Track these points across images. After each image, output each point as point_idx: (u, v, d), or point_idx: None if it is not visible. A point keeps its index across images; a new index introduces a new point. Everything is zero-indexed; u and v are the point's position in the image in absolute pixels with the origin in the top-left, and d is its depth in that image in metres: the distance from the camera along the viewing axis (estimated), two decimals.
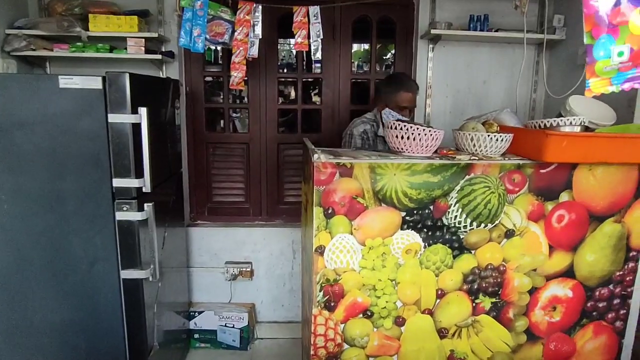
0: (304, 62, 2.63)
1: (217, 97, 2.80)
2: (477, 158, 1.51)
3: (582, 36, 1.11)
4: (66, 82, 1.56)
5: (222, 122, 2.66)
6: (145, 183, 1.66)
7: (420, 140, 1.48)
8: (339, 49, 2.43)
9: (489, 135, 1.51)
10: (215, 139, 2.54)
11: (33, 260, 1.65)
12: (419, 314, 1.60)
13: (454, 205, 1.52)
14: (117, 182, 1.62)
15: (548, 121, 1.62)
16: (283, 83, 3.42)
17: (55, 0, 2.13)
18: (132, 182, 1.63)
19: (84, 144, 1.60)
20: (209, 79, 2.61)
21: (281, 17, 2.30)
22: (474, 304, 1.62)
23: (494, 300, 1.63)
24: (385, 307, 1.57)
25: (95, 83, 1.56)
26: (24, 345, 1.69)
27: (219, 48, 2.03)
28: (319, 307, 1.54)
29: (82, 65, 2.26)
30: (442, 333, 1.63)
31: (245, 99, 2.58)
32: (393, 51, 3.46)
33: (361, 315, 1.56)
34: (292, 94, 3.84)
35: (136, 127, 1.61)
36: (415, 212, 1.51)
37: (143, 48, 2.09)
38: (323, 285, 1.52)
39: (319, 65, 2.53)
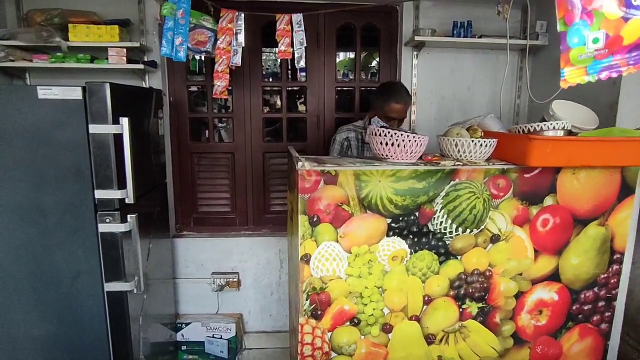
0: (289, 71, 2.63)
1: (202, 107, 2.78)
2: (461, 163, 1.51)
3: None
4: (45, 92, 1.53)
5: (207, 132, 2.64)
6: (128, 194, 1.64)
7: (404, 146, 1.48)
8: (323, 57, 2.44)
9: (472, 141, 1.52)
10: (200, 149, 2.52)
11: (14, 274, 1.61)
12: (406, 320, 1.59)
13: (440, 211, 1.53)
14: (99, 194, 1.60)
15: (532, 126, 1.64)
16: (269, 92, 3.42)
17: (34, 10, 2.10)
18: (114, 194, 1.61)
19: (65, 155, 1.57)
20: (193, 88, 2.59)
21: (265, 25, 2.30)
22: (460, 310, 1.62)
23: (480, 305, 1.63)
24: (372, 315, 1.56)
25: (74, 93, 1.54)
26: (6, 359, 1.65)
27: (202, 57, 2.01)
28: (306, 316, 1.52)
29: (63, 76, 2.23)
30: (429, 339, 1.63)
31: (230, 109, 2.56)
32: (378, 59, 3.49)
33: (348, 323, 1.55)
34: (278, 102, 3.85)
35: (118, 137, 1.59)
36: (400, 218, 1.51)
37: (125, 58, 2.07)
38: (309, 293, 1.50)
39: (304, 73, 2.53)
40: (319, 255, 1.48)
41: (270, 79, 3.25)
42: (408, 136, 1.48)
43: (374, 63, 4.36)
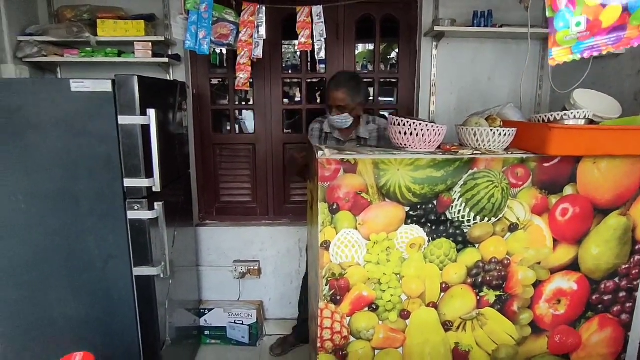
0: (309, 63, 2.66)
1: (223, 99, 2.85)
2: (480, 152, 1.52)
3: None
4: (77, 85, 1.61)
5: (228, 123, 2.70)
6: (155, 183, 1.71)
7: (423, 136, 1.50)
8: (343, 49, 2.46)
9: (491, 130, 1.53)
10: (221, 140, 2.58)
11: (50, 258, 1.71)
12: (424, 307, 1.62)
13: (458, 200, 1.54)
14: (128, 182, 1.67)
15: (552, 115, 1.63)
16: (288, 84, 3.46)
17: (64, 7, 2.19)
18: (142, 182, 1.68)
19: (96, 145, 1.65)
20: (214, 81, 2.66)
21: (285, 18, 2.34)
22: (478, 297, 1.64)
23: (498, 293, 1.65)
24: (390, 301, 1.60)
25: (105, 86, 1.61)
26: (42, 338, 1.76)
27: (224, 50, 2.06)
28: (325, 301, 1.57)
29: (92, 70, 2.32)
30: (446, 326, 1.65)
31: (251, 100, 2.61)
32: (397, 50, 3.48)
33: (367, 309, 1.59)
34: (297, 95, 3.88)
35: (145, 128, 1.66)
36: (419, 207, 1.53)
37: (150, 52, 2.14)
38: (329, 279, 1.55)
39: (323, 65, 2.56)
40: (339, 242, 1.52)
41: (290, 71, 3.29)
42: (427, 125, 1.50)
43: (393, 54, 4.35)
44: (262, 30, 1.92)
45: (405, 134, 1.52)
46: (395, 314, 1.61)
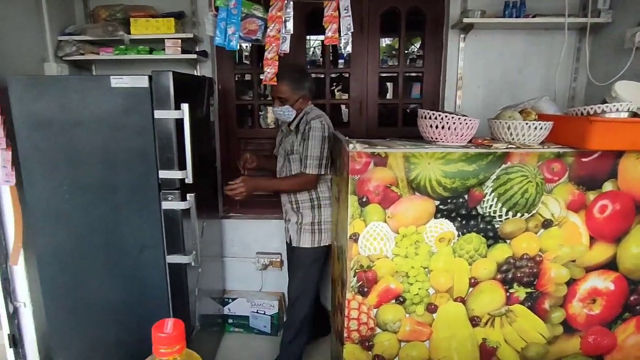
0: (330, 58, 2.66)
1: (245, 94, 2.89)
2: (514, 146, 1.50)
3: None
4: (117, 81, 1.67)
5: (250, 118, 2.75)
6: (187, 175, 1.76)
7: (455, 129, 1.49)
8: (367, 43, 2.45)
9: (526, 123, 1.50)
10: (245, 135, 2.63)
11: (91, 245, 1.79)
12: (451, 301, 1.62)
13: (489, 195, 1.52)
14: (163, 174, 1.73)
15: (592, 108, 1.57)
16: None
17: (99, 7, 2.27)
18: (176, 174, 1.73)
19: (133, 139, 1.71)
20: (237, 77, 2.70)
21: (309, 12, 2.34)
22: (507, 294, 1.62)
23: (529, 290, 1.62)
24: (417, 294, 1.60)
25: (142, 82, 1.66)
26: (83, 321, 1.85)
27: (246, 46, 2.07)
28: (353, 292, 1.58)
29: (124, 67, 2.40)
30: (474, 321, 1.64)
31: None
32: (418, 44, 3.44)
33: (394, 301, 1.60)
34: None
35: (179, 122, 1.71)
36: (449, 201, 1.52)
37: (179, 48, 2.20)
38: (357, 271, 1.56)
39: (341, 60, 2.56)
40: (367, 235, 1.53)
41: (308, 67, 3.30)
42: (459, 119, 1.48)
43: (412, 48, 4.27)
44: (290, 25, 1.93)
45: (436, 127, 1.51)
46: (422, 307, 1.61)
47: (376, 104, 2.51)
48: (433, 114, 1.51)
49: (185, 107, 1.70)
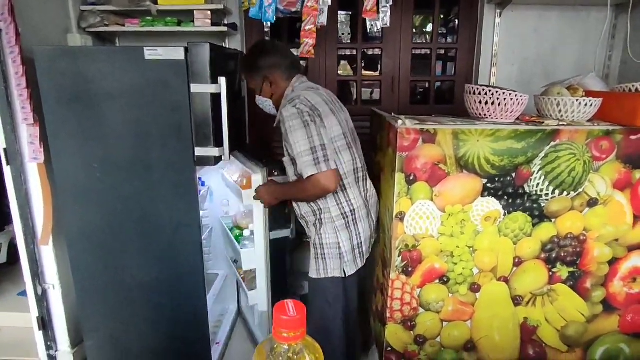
0: (362, 33, 2.58)
1: None
2: (565, 124, 1.46)
3: None
4: (151, 53, 1.60)
5: None
6: (224, 152, 1.72)
7: (505, 105, 1.45)
8: (401, 18, 2.37)
9: (577, 100, 1.46)
10: None
11: (123, 224, 1.75)
12: (495, 281, 1.61)
13: (537, 173, 1.50)
14: (199, 151, 1.68)
15: None
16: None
17: None
18: (212, 151, 1.69)
19: (168, 114, 1.65)
20: None
21: None
22: (550, 273, 1.61)
23: (571, 269, 1.61)
24: (461, 274, 1.59)
25: (177, 54, 1.59)
26: (116, 299, 1.83)
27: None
28: (397, 272, 1.57)
29: (150, 40, 2.31)
30: (516, 301, 1.64)
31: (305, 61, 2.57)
32: (450, 20, 3.36)
33: (437, 281, 1.59)
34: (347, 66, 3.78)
35: (215, 97, 1.66)
36: (496, 179, 1.49)
37: (209, 20, 2.12)
38: (402, 250, 1.55)
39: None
40: (413, 213, 1.51)
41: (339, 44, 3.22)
42: (510, 94, 1.44)
43: (442, 30, 4.16)
44: None
45: (485, 103, 1.47)
46: (465, 287, 1.60)
47: (408, 80, 2.45)
48: (482, 89, 1.47)
49: (222, 80, 1.64)
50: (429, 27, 4.68)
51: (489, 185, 1.50)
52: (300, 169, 1.43)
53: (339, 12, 2.51)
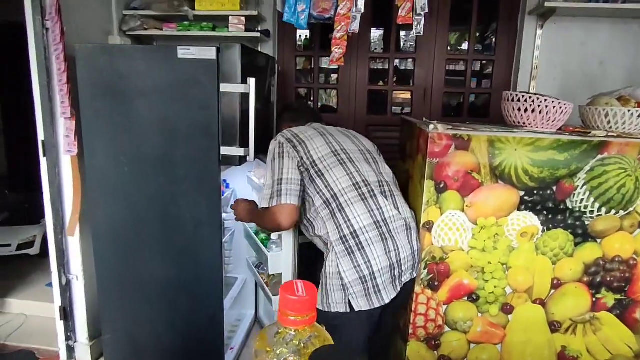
0: (396, 43, 2.55)
1: (298, 82, 2.83)
2: (614, 135, 1.35)
3: None
4: (184, 52, 1.62)
5: (311, 103, 2.68)
6: (249, 152, 1.70)
7: (547, 113, 1.36)
8: (435, 28, 2.33)
9: (629, 111, 1.35)
10: None
11: (146, 219, 1.76)
12: (530, 303, 1.48)
13: (581, 188, 1.38)
14: (224, 150, 1.67)
15: None
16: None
17: None
18: (238, 151, 1.68)
19: (196, 112, 1.66)
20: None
21: None
22: (594, 299, 1.47)
23: (618, 297, 1.46)
24: (492, 292, 1.47)
25: (209, 53, 1.61)
26: (134, 295, 1.82)
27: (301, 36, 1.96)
28: (422, 286, 1.48)
29: (185, 44, 2.35)
30: (553, 326, 1.50)
31: (335, 79, 2.57)
32: (488, 32, 3.28)
33: (466, 298, 1.48)
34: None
35: (245, 97, 1.65)
36: (535, 192, 1.39)
37: (243, 26, 2.16)
38: (428, 263, 1.46)
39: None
40: (442, 224, 1.42)
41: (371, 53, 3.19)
42: (552, 102, 1.35)
43: (479, 45, 4.07)
44: (361, 4, 1.84)
45: (525, 110, 1.38)
46: (497, 307, 1.48)
47: (441, 92, 2.39)
48: (522, 96, 1.38)
49: (252, 81, 1.64)
50: (464, 45, 4.60)
51: (526, 198, 1.39)
52: (259, 199, 1.46)
53: (372, 29, 2.49)
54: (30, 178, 1.96)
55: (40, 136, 1.86)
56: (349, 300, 1.28)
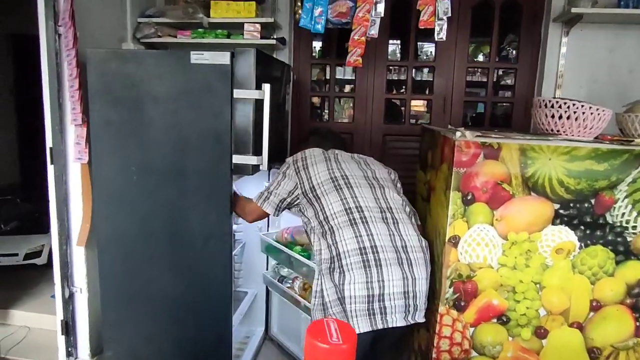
0: (414, 51, 2.48)
1: (313, 91, 2.78)
2: None
3: None
4: (197, 57, 1.57)
5: (318, 110, 2.62)
6: (262, 161, 1.63)
7: (584, 120, 1.26)
8: (456, 36, 2.26)
9: None
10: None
11: (154, 232, 1.68)
12: (566, 326, 1.36)
13: (622, 200, 1.27)
14: (237, 159, 1.61)
15: None
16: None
17: None
18: (250, 159, 1.61)
19: (209, 119, 1.60)
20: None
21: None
22: (638, 323, 1.34)
23: None
24: (524, 314, 1.36)
25: (224, 58, 1.56)
26: (139, 310, 1.73)
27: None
28: (447, 306, 1.37)
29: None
30: (593, 354, 1.37)
31: (350, 89, 2.51)
32: (499, 49, 3.21)
33: (495, 320, 1.37)
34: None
35: (259, 104, 1.59)
36: (571, 205, 1.28)
37: (259, 34, 2.12)
38: (454, 280, 1.35)
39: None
40: (470, 239, 1.32)
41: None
42: (590, 108, 1.25)
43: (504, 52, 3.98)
44: (381, 8, 1.78)
45: (559, 117, 1.29)
46: (529, 330, 1.36)
47: (462, 101, 2.30)
48: (557, 101, 1.29)
49: (266, 87, 1.58)
50: (480, 57, 4.53)
51: (562, 211, 1.29)
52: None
53: (390, 40, 2.42)
54: (41, 187, 1.92)
55: (49, 143, 1.82)
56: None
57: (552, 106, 1.30)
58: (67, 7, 1.71)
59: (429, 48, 2.73)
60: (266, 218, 1.91)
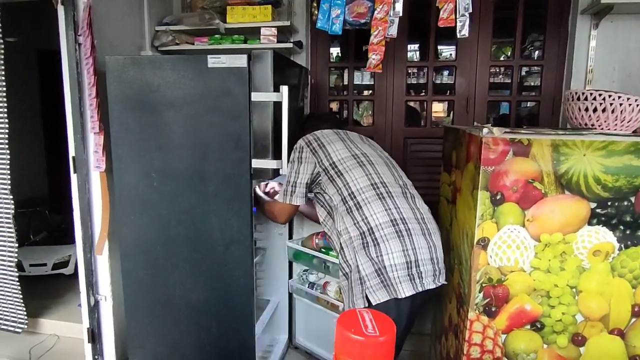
0: (434, 50, 2.42)
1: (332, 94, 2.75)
2: None
3: None
4: (214, 61, 1.57)
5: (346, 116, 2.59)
6: (282, 165, 1.61)
7: (621, 112, 1.19)
8: (477, 34, 2.19)
9: None
10: None
11: (176, 238, 1.68)
12: (606, 333, 1.27)
13: None
14: (256, 163, 1.59)
15: None
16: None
17: None
18: (270, 164, 1.60)
19: (227, 123, 1.59)
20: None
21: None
22: None
23: None
24: (560, 320, 1.28)
25: (240, 61, 1.55)
26: (163, 318, 1.73)
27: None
28: (477, 312, 1.30)
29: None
30: None
31: (368, 94, 2.47)
32: (521, 49, 3.12)
33: (529, 327, 1.29)
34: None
35: (277, 106, 1.58)
36: (609, 203, 1.21)
37: (275, 38, 2.11)
38: (484, 285, 1.28)
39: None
40: (500, 241, 1.26)
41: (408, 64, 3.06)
42: (628, 99, 1.18)
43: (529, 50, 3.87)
44: (399, 7, 1.74)
45: (594, 110, 1.22)
46: (565, 337, 1.28)
47: (485, 101, 2.23)
48: (591, 93, 1.22)
49: (284, 89, 1.57)
50: (502, 58, 4.42)
51: (599, 210, 1.21)
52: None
53: (408, 45, 2.38)
54: (68, 198, 1.95)
55: (71, 152, 1.85)
56: (367, 295, 1.34)
57: (586, 98, 1.23)
58: (85, 16, 1.74)
59: (449, 51, 2.66)
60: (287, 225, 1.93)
